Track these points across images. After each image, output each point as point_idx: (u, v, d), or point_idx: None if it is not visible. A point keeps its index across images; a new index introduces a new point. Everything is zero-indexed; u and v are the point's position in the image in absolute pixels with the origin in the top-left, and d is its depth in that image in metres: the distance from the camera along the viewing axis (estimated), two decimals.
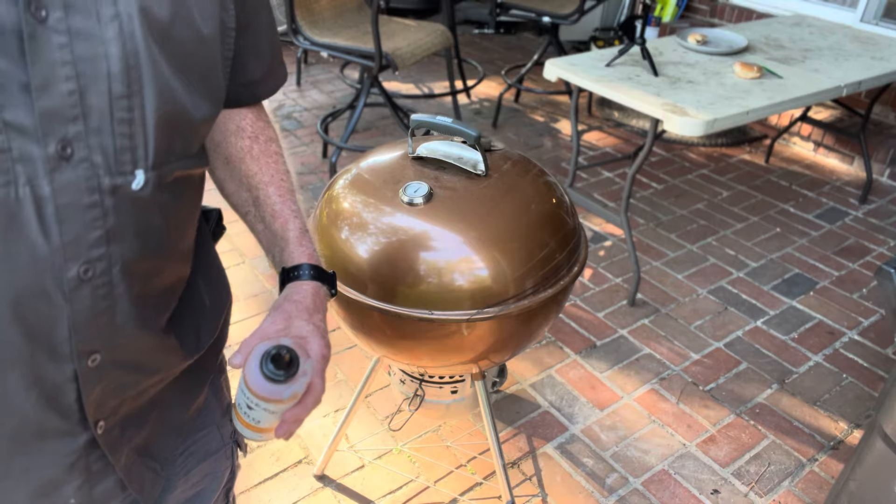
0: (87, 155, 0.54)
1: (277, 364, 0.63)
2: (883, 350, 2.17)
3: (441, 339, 1.22)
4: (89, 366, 0.60)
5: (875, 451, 1.29)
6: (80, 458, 0.64)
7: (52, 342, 0.57)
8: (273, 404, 0.65)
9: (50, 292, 0.55)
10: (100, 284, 0.58)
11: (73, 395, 0.60)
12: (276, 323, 0.69)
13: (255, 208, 0.81)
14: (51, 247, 0.54)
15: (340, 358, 2.06)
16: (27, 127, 0.51)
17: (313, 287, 0.75)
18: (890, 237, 2.76)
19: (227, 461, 0.88)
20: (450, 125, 1.25)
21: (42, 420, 0.60)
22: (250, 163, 0.80)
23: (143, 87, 0.56)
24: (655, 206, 2.91)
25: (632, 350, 2.12)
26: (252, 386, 0.64)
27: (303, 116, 3.57)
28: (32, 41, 0.50)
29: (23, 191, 0.52)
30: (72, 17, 0.51)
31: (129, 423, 0.68)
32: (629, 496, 1.67)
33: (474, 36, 4.90)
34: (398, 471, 1.71)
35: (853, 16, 3.46)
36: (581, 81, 2.15)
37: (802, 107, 2.58)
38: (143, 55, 0.55)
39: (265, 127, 0.83)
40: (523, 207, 1.23)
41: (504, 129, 3.56)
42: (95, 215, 0.56)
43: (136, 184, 0.58)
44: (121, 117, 0.55)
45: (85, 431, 0.63)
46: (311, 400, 0.67)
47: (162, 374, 0.70)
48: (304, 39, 2.83)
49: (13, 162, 0.51)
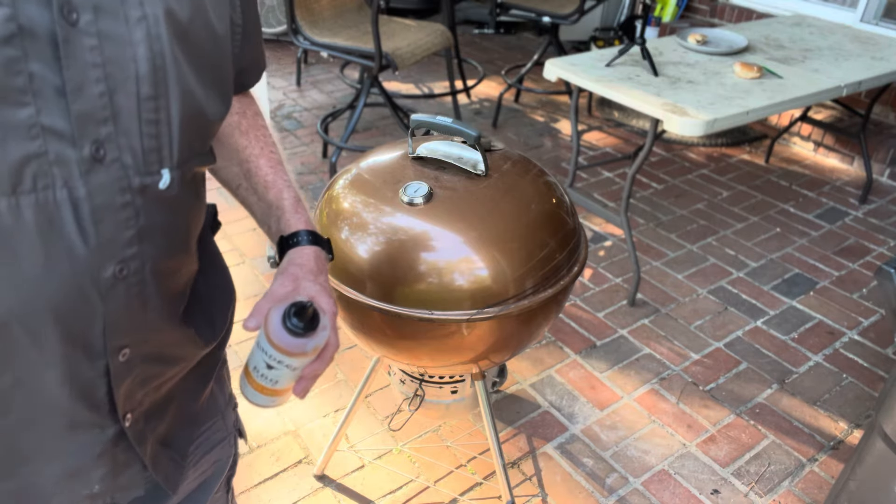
0: (117, 156, 0.55)
1: (301, 317, 0.65)
2: (883, 350, 2.17)
3: (441, 339, 1.22)
4: (120, 360, 0.61)
5: (875, 451, 1.29)
6: (107, 448, 0.66)
7: (87, 340, 0.58)
8: (296, 359, 0.67)
9: (87, 292, 0.56)
10: (133, 283, 0.59)
11: (104, 388, 0.62)
12: (284, 285, 0.71)
13: (247, 181, 0.82)
14: (88, 248, 0.55)
15: (340, 358, 2.05)
16: (63, 130, 0.52)
17: (314, 251, 0.77)
18: (890, 237, 2.76)
19: (231, 449, 0.91)
20: (450, 125, 1.25)
21: (74, 413, 0.61)
22: (239, 137, 0.82)
23: (169, 89, 0.57)
24: (655, 206, 2.91)
25: (632, 350, 2.12)
26: (277, 341, 0.65)
27: (303, 116, 3.57)
28: (66, 45, 0.50)
29: (60, 193, 0.53)
30: (101, 19, 0.52)
31: (152, 415, 0.70)
32: (629, 496, 1.67)
33: (474, 36, 4.90)
34: (398, 471, 1.71)
35: (853, 16, 3.46)
36: (581, 81, 2.15)
37: (802, 107, 2.58)
38: (168, 57, 0.56)
39: (251, 102, 0.85)
40: (523, 207, 1.23)
41: (504, 129, 3.56)
42: (128, 215, 0.57)
43: (162, 183, 0.59)
44: (148, 118, 0.56)
45: (114, 424, 0.65)
46: (328, 354, 0.70)
47: (182, 365, 0.72)
48: (304, 39, 2.83)
49: (50, 165, 0.52)
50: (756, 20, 3.17)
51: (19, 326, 0.55)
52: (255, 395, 0.71)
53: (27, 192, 0.51)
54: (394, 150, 1.34)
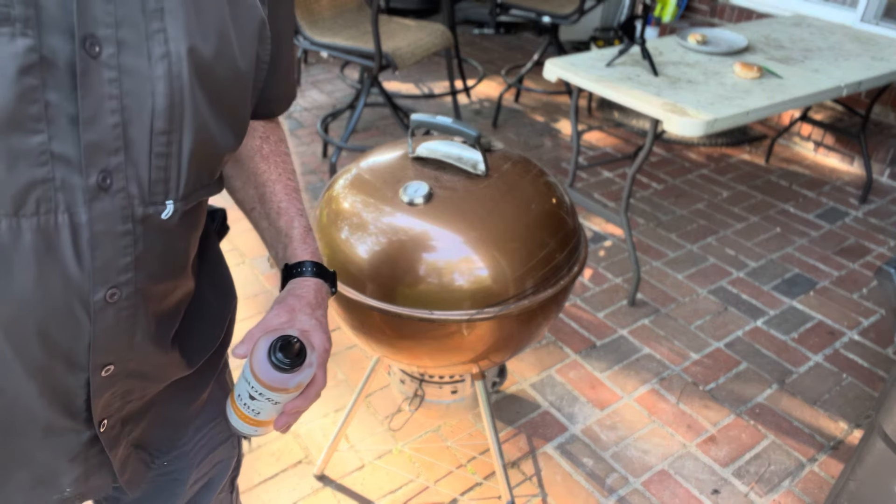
0: (123, 185, 0.56)
1: (286, 353, 0.63)
2: (883, 350, 2.17)
3: (441, 339, 1.22)
4: (102, 376, 0.62)
5: (875, 451, 1.29)
6: (80, 452, 0.66)
7: (70, 356, 0.59)
8: (278, 394, 0.65)
9: (76, 313, 0.57)
10: (124, 307, 0.60)
11: (82, 398, 0.62)
12: (279, 316, 0.71)
13: (261, 205, 0.82)
14: (82, 272, 0.56)
15: (340, 358, 2.06)
16: (72, 158, 0.52)
17: (315, 284, 0.76)
18: (890, 237, 2.76)
19: (234, 450, 0.91)
20: (450, 125, 1.25)
21: (50, 419, 0.62)
22: (259, 161, 0.81)
23: (184, 125, 0.57)
24: (655, 206, 2.91)
25: (632, 350, 2.12)
26: (259, 374, 0.64)
27: (303, 116, 3.57)
28: (84, 76, 0.51)
29: (61, 218, 0.53)
30: (124, 54, 0.53)
31: (129, 420, 0.70)
32: (629, 496, 1.67)
33: (474, 36, 4.90)
34: (398, 471, 1.71)
35: (853, 16, 3.46)
36: (581, 81, 2.15)
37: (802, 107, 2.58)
38: (186, 93, 0.56)
39: (276, 128, 0.85)
40: (523, 207, 1.23)
41: (504, 129, 3.56)
42: (127, 243, 0.57)
43: (165, 213, 0.60)
44: (159, 151, 0.57)
45: (89, 430, 0.65)
46: (312, 392, 0.69)
47: (168, 381, 0.73)
48: (304, 39, 2.83)
49: (55, 191, 0.52)
50: (756, 20, 3.17)
51: (4, 338, 0.55)
52: (238, 422, 0.70)
53: (29, 216, 0.52)
54: (394, 150, 1.35)
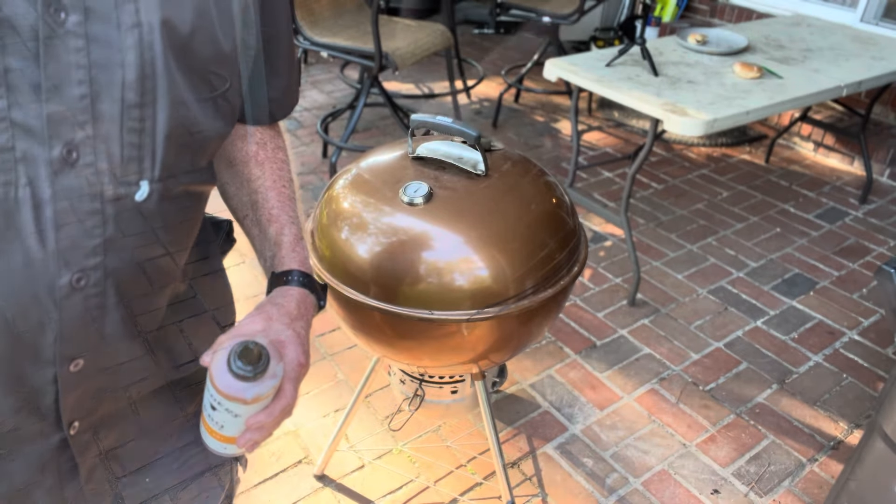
0: (92, 161, 0.53)
1: (246, 360, 0.58)
2: (883, 350, 2.17)
3: (441, 339, 1.22)
4: (71, 370, 0.59)
5: (875, 451, 1.29)
6: (51, 458, 0.63)
7: (36, 347, 0.56)
8: (236, 404, 0.60)
9: (41, 298, 0.54)
10: (92, 294, 0.57)
11: (51, 396, 0.59)
12: (254, 323, 0.66)
13: (253, 212, 0.79)
14: (45, 252, 0.53)
15: (340, 358, 2.06)
16: (34, 128, 0.50)
17: (300, 294, 0.72)
18: (890, 237, 2.76)
19: (226, 476, 0.87)
20: (450, 125, 1.25)
21: (19, 420, 0.59)
22: (254, 167, 0.79)
23: (157, 99, 0.55)
24: (655, 206, 2.91)
25: (632, 350, 2.12)
26: (217, 381, 0.59)
27: (303, 116, 3.57)
28: (48, 43, 0.49)
29: (22, 192, 0.51)
30: (91, 22, 0.51)
31: (104, 425, 0.67)
32: (629, 496, 1.67)
33: (474, 36, 4.90)
34: (398, 471, 1.71)
35: (853, 16, 3.46)
36: (581, 81, 2.15)
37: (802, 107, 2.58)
38: (160, 66, 0.54)
39: (275, 135, 0.82)
40: (523, 207, 1.23)
41: (504, 129, 3.56)
42: (94, 223, 0.55)
43: (139, 194, 0.57)
44: (131, 126, 0.55)
45: (58, 432, 0.62)
46: (278, 407, 0.62)
47: (147, 383, 0.69)
48: (304, 39, 2.83)
49: (15, 162, 0.50)
50: (756, 20, 3.17)
51: None
52: (207, 437, 0.64)
53: None
54: (394, 150, 1.34)
